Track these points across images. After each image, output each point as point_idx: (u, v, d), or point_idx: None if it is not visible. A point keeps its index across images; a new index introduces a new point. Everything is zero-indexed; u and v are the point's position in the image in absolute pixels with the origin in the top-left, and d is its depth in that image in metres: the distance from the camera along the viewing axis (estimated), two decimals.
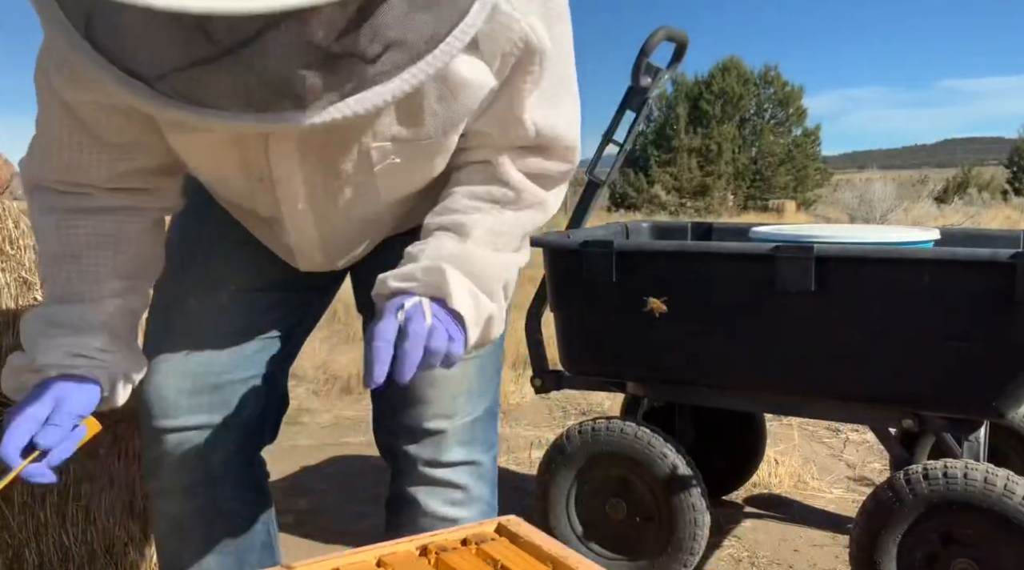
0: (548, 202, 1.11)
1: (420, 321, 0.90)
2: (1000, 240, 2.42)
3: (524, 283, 5.70)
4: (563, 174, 1.11)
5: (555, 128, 1.05)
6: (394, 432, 1.35)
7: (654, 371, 2.23)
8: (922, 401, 1.94)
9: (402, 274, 0.98)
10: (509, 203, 1.06)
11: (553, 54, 0.98)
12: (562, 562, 0.76)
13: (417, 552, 0.81)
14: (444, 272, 0.96)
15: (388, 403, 1.34)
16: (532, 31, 0.93)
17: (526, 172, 1.07)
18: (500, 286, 1.05)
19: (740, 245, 2.11)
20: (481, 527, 0.86)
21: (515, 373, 4.55)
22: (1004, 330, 1.77)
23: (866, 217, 15.10)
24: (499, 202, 1.06)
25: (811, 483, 3.01)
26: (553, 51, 0.98)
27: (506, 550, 0.80)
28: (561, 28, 1.00)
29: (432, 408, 1.30)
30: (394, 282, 0.97)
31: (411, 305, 0.92)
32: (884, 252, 1.90)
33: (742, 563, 2.46)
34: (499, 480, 1.45)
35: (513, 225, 1.07)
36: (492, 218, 1.05)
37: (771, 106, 35.43)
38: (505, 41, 0.92)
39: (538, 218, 1.11)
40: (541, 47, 0.95)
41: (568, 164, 1.10)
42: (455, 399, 1.32)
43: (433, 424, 1.31)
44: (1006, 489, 1.77)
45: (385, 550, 0.80)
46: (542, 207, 1.10)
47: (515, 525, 0.85)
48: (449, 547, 0.81)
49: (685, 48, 2.51)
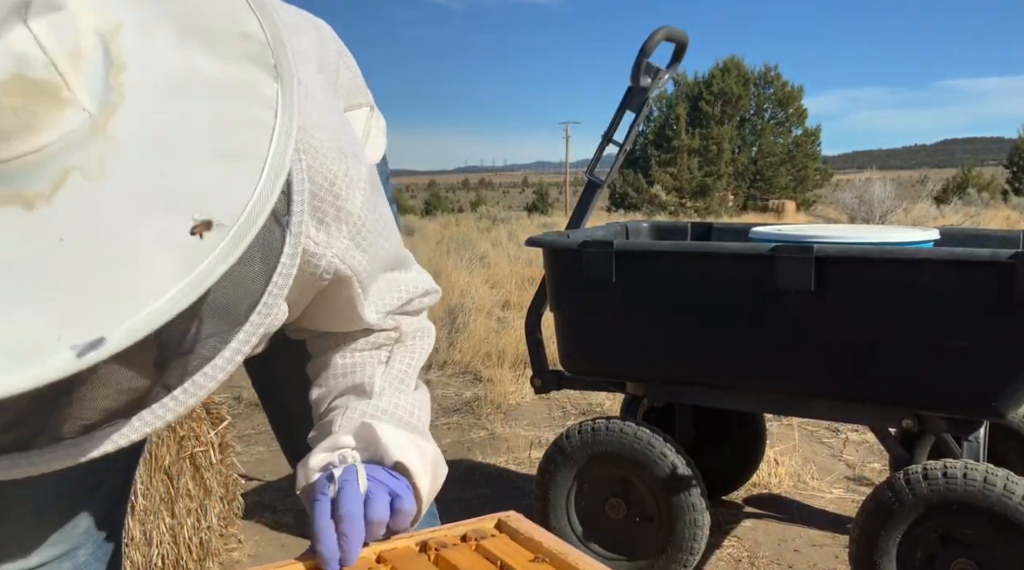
0: (428, 327, 1.04)
1: (354, 492, 0.80)
2: (1000, 240, 2.41)
3: (524, 283, 5.76)
4: (429, 304, 1.04)
5: (404, 291, 0.98)
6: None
7: (654, 371, 2.23)
8: (922, 401, 1.94)
9: (326, 446, 0.88)
10: (393, 343, 0.99)
11: (368, 265, 0.88)
12: (562, 558, 0.76)
13: (416, 548, 0.81)
14: (372, 427, 0.88)
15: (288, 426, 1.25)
16: (340, 260, 0.84)
17: (395, 312, 0.99)
18: (427, 426, 0.97)
19: (740, 245, 2.11)
20: (481, 523, 0.86)
21: (515, 373, 4.55)
22: (1004, 330, 1.78)
23: (866, 217, 15.10)
24: (383, 346, 0.98)
25: (811, 483, 3.01)
26: (368, 264, 0.88)
27: (506, 546, 0.80)
28: (374, 227, 0.87)
29: None
30: (320, 455, 0.88)
31: (341, 472, 0.82)
32: (884, 252, 1.90)
33: (742, 563, 2.46)
34: (499, 480, 1.46)
35: (408, 363, 0.99)
36: (384, 365, 0.97)
37: (771, 106, 35.45)
38: (309, 276, 0.84)
39: (426, 348, 1.02)
40: (354, 270, 0.86)
41: (433, 295, 1.04)
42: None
43: None
44: (1006, 489, 1.77)
45: (384, 546, 0.80)
46: (426, 333, 1.03)
47: (515, 521, 0.85)
48: (449, 543, 0.80)
49: (685, 48, 2.51)
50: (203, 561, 2.36)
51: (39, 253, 0.48)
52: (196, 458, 2.34)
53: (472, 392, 4.42)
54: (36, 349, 0.46)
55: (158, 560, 2.21)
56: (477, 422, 3.92)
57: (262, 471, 3.27)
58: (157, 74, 0.55)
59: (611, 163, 2.58)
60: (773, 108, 35.26)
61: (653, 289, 2.13)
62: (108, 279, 0.48)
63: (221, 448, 2.42)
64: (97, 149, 0.51)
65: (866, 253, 1.90)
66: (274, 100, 0.56)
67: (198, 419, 2.34)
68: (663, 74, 2.44)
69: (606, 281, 2.14)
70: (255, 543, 2.64)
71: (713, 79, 34.18)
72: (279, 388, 1.23)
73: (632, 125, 2.49)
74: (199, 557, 2.34)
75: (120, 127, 0.52)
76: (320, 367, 0.99)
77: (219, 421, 2.40)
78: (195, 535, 2.33)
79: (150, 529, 2.20)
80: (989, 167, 43.33)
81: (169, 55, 0.56)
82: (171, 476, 2.27)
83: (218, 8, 0.59)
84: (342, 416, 0.92)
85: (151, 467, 2.21)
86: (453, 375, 4.84)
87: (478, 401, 4.19)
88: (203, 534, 2.37)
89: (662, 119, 33.88)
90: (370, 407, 0.92)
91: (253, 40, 0.58)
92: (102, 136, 0.51)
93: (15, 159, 0.48)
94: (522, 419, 3.96)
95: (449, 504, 2.54)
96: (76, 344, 0.46)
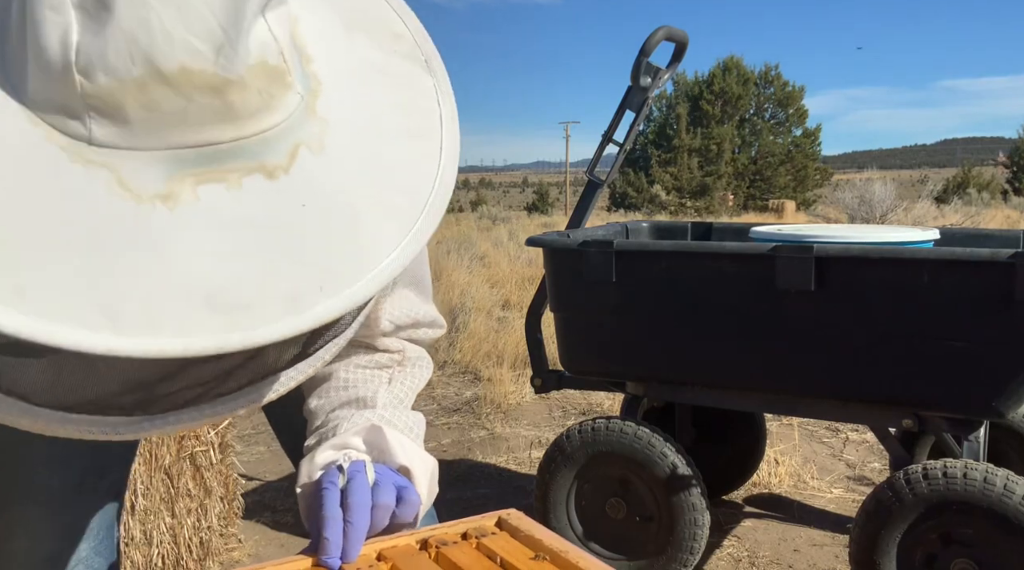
0: (428, 359, 1.08)
1: (364, 482, 0.81)
2: (1000, 240, 2.42)
3: (524, 283, 5.77)
4: (433, 337, 1.08)
5: (417, 312, 1.02)
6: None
7: (654, 371, 2.23)
8: (922, 401, 1.94)
9: (334, 444, 0.90)
10: (396, 365, 1.02)
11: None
12: (562, 556, 0.76)
13: (417, 546, 0.80)
14: (381, 430, 0.90)
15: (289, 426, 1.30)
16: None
17: (403, 337, 1.03)
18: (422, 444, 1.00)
19: (740, 245, 2.11)
20: (481, 521, 0.86)
21: (515, 373, 4.55)
22: (1004, 330, 1.78)
23: (866, 217, 15.09)
24: (387, 367, 1.01)
25: (811, 483, 3.02)
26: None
27: (506, 544, 0.80)
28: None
29: None
30: (328, 452, 0.89)
31: (350, 465, 0.84)
32: (884, 252, 1.90)
33: (742, 563, 2.46)
34: (499, 480, 1.46)
35: (409, 387, 1.01)
36: (387, 384, 1.00)
37: (771, 106, 35.45)
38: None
39: (425, 376, 1.06)
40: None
41: (439, 329, 1.07)
42: None
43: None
44: (1006, 489, 1.77)
45: (385, 544, 0.80)
46: (425, 364, 1.05)
47: (516, 519, 0.85)
48: (449, 541, 0.80)
49: (685, 48, 2.51)
50: (203, 561, 2.36)
51: (288, 216, 0.56)
52: (196, 458, 2.34)
53: (472, 392, 4.42)
54: (304, 297, 0.54)
55: (158, 560, 2.21)
56: (477, 422, 3.92)
57: (262, 471, 3.27)
58: (339, 63, 0.62)
59: (611, 163, 2.58)
60: (773, 108, 35.26)
61: (653, 289, 2.13)
62: (346, 240, 0.57)
63: (221, 448, 2.42)
64: (315, 127, 0.58)
65: (866, 253, 1.90)
66: (433, 90, 0.65)
67: None
68: (663, 74, 2.44)
69: (606, 281, 2.14)
70: (255, 543, 2.64)
71: (713, 79, 34.18)
72: None
73: (632, 125, 2.49)
74: (199, 557, 2.34)
75: (325, 109, 0.59)
76: (320, 378, 1.00)
77: (219, 421, 2.40)
78: (195, 535, 2.33)
79: (150, 529, 2.20)
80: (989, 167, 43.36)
81: (342, 46, 0.63)
82: (171, 476, 2.27)
83: (371, 10, 0.67)
84: (347, 422, 0.93)
85: (151, 467, 2.21)
86: (453, 375, 4.84)
87: (478, 401, 4.19)
88: (203, 534, 2.37)
89: (662, 119, 33.89)
90: (375, 415, 0.94)
91: (404, 39, 0.66)
92: (314, 117, 0.58)
93: (255, 135, 0.55)
94: (522, 419, 3.96)
95: (449, 504, 2.54)
96: (335, 292, 0.55)
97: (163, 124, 0.52)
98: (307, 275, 0.55)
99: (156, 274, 0.51)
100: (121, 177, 0.52)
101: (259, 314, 0.53)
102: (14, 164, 0.50)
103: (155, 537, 2.21)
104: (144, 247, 0.51)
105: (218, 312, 0.52)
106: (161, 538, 2.23)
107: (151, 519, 2.21)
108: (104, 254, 0.50)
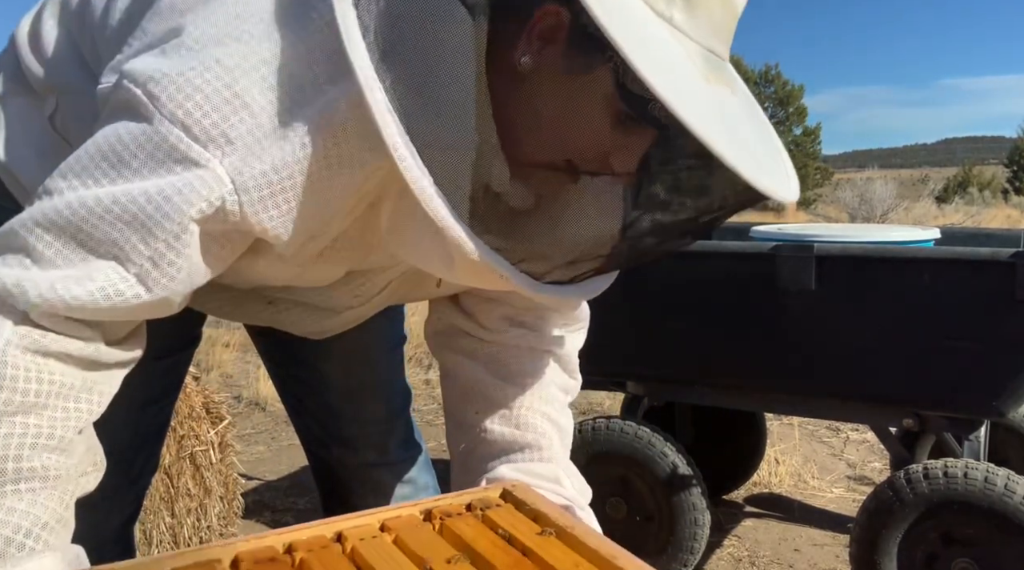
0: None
1: None
2: (1000, 239, 2.41)
3: None
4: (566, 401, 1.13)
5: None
6: (327, 444, 1.34)
7: (654, 371, 2.23)
8: (922, 401, 1.93)
9: (544, 475, 0.98)
10: (570, 391, 1.10)
11: None
12: (568, 532, 0.76)
13: (421, 516, 0.79)
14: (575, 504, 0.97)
15: (314, 418, 1.32)
16: None
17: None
18: None
19: (740, 244, 2.11)
20: (485, 493, 0.84)
21: None
22: (1004, 330, 1.77)
23: (866, 216, 15.09)
24: (569, 392, 1.09)
25: (811, 482, 3.01)
26: None
27: (511, 517, 0.78)
28: None
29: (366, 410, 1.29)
30: (540, 483, 0.95)
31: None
32: (884, 251, 1.89)
33: (742, 562, 2.46)
34: None
35: (568, 423, 1.08)
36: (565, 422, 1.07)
37: (771, 105, 35.40)
38: None
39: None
40: None
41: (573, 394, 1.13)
42: (384, 402, 1.30)
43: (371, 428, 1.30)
44: (1006, 489, 1.77)
45: (389, 514, 0.77)
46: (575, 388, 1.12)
47: (521, 491, 0.83)
48: (454, 513, 0.79)
49: None
50: None
51: (757, 122, 0.76)
52: (196, 457, 2.34)
53: None
54: (792, 175, 0.76)
55: None
56: None
57: (262, 471, 3.27)
58: None
59: None
60: (773, 107, 35.22)
61: (653, 288, 2.12)
62: (780, 151, 0.78)
63: (221, 448, 2.42)
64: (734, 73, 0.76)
65: (867, 252, 1.89)
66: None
67: (198, 418, 2.34)
68: None
69: None
70: None
71: None
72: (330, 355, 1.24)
73: None
74: None
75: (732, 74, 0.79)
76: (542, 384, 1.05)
77: (219, 420, 2.40)
78: (195, 535, 2.33)
79: (150, 529, 2.20)
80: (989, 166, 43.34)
81: None
82: (171, 476, 2.27)
83: None
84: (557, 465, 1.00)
85: None
86: None
87: None
88: (203, 534, 2.36)
89: None
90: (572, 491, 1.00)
91: None
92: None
93: (725, 60, 0.73)
94: None
95: None
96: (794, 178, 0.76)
97: (711, 26, 0.68)
98: (787, 159, 0.77)
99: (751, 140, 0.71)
100: (696, 62, 0.68)
101: (782, 179, 0.72)
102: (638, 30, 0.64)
103: (155, 537, 2.21)
104: (744, 122, 0.72)
105: (762, 172, 0.68)
106: (161, 538, 2.22)
107: (151, 519, 2.21)
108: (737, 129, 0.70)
